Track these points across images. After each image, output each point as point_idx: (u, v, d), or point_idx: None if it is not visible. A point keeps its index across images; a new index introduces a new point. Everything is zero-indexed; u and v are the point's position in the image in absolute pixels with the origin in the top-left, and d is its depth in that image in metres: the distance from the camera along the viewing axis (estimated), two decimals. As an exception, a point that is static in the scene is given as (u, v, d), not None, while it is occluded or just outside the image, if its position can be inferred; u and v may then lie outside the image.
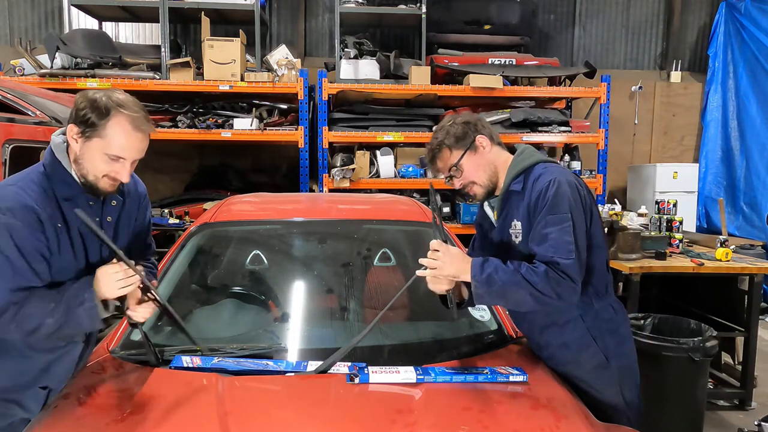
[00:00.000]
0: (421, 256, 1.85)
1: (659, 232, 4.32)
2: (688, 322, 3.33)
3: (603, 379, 1.95)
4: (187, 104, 6.10)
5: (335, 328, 2.32)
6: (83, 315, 1.68)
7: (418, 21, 6.33)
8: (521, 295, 1.76)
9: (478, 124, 2.03)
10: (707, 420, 3.45)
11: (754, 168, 7.02)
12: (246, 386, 1.79)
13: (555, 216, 1.82)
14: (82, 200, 1.78)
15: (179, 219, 5.69)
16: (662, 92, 7.93)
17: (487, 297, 1.81)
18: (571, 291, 1.77)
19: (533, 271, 1.76)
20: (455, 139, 1.98)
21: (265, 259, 2.69)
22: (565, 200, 1.84)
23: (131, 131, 1.70)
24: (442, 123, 2.08)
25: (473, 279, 1.79)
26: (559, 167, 1.99)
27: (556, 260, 1.77)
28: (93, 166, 1.71)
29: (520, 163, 1.99)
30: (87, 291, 1.68)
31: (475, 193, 2.06)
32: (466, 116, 2.06)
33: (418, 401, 1.72)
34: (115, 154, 1.70)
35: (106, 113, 1.67)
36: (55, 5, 7.16)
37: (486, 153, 2.00)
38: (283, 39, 7.32)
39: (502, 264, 1.80)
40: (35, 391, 1.86)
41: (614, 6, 7.90)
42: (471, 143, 1.98)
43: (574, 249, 1.78)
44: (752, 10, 7.19)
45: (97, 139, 1.69)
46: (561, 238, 1.79)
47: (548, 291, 1.74)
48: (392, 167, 6.11)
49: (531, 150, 2.06)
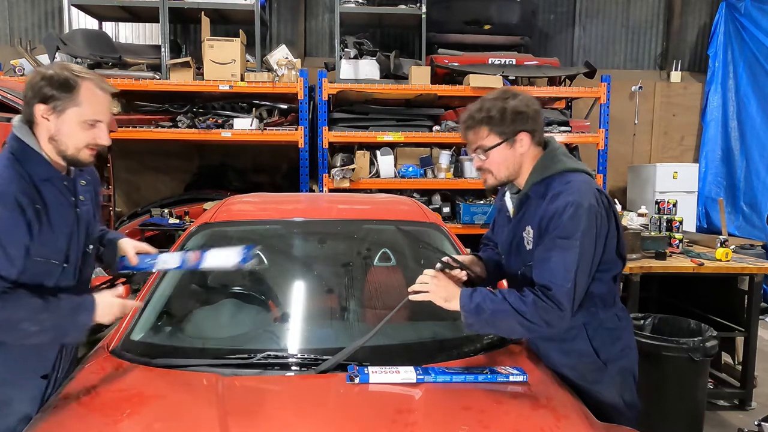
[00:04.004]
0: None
1: (659, 232, 4.32)
2: (688, 322, 3.32)
3: (603, 381, 1.95)
4: (187, 104, 6.11)
5: (335, 328, 2.31)
6: (72, 331, 1.76)
7: (418, 21, 6.33)
8: (510, 323, 1.76)
9: (530, 117, 1.88)
10: (707, 420, 3.45)
11: (754, 168, 7.02)
12: (246, 386, 1.79)
13: (563, 240, 1.76)
14: (58, 180, 1.81)
15: (179, 219, 5.70)
16: (662, 92, 7.93)
17: (477, 325, 1.81)
18: (559, 319, 1.74)
19: (522, 300, 1.74)
20: (499, 125, 1.86)
21: (265, 259, 2.69)
22: (578, 227, 1.76)
23: (101, 93, 1.77)
24: (500, 94, 1.90)
25: (462, 309, 1.79)
26: (583, 182, 1.87)
27: (549, 285, 1.74)
28: (73, 137, 1.75)
29: (545, 169, 1.90)
30: (84, 314, 1.75)
31: (486, 181, 1.97)
32: (525, 102, 1.88)
33: (418, 401, 1.72)
34: (93, 118, 1.75)
35: (73, 83, 1.71)
36: (55, 5, 7.17)
37: (520, 150, 1.90)
38: (283, 39, 7.32)
39: (491, 294, 1.79)
40: (37, 382, 1.85)
41: (614, 6, 7.90)
42: (512, 137, 1.87)
43: (572, 278, 1.73)
44: (752, 10, 7.19)
45: (73, 109, 1.72)
46: (562, 265, 1.74)
47: (537, 320, 1.73)
48: (392, 167, 6.11)
49: (559, 153, 1.94)
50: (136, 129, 5.83)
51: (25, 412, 1.82)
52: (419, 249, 2.75)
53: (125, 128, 5.69)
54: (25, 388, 1.83)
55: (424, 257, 2.78)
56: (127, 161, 6.90)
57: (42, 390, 1.87)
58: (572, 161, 1.95)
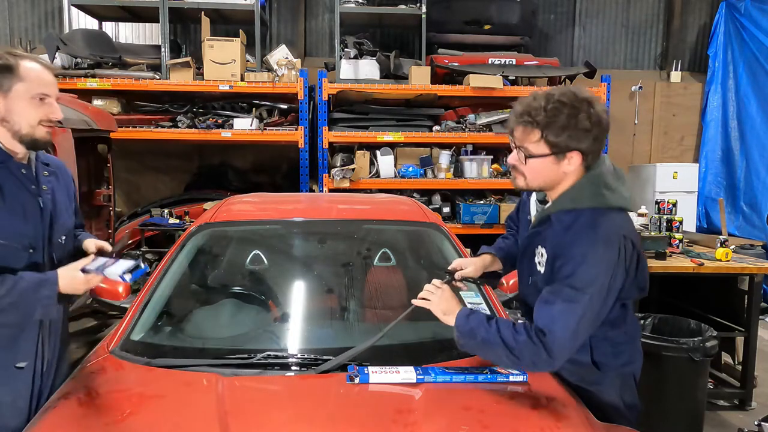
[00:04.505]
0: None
1: (659, 232, 4.32)
2: (688, 322, 3.33)
3: (603, 383, 1.94)
4: (187, 104, 6.11)
5: (335, 328, 2.31)
6: (37, 307, 1.76)
7: (418, 21, 6.33)
8: (498, 354, 1.72)
9: (594, 138, 1.67)
10: (707, 420, 3.45)
11: (754, 168, 7.02)
12: (246, 386, 1.79)
13: (572, 291, 1.64)
14: (15, 166, 1.84)
15: (179, 219, 5.70)
16: (662, 92, 7.93)
17: (467, 347, 1.80)
18: (546, 365, 1.69)
19: (514, 337, 1.68)
20: (557, 135, 1.65)
21: (265, 259, 2.69)
22: (592, 281, 1.64)
23: (42, 68, 1.82)
24: (573, 97, 1.66)
25: (456, 328, 1.79)
26: (613, 227, 1.69)
27: (546, 331, 1.65)
28: (25, 115, 1.78)
29: (579, 198, 1.72)
30: (46, 287, 1.75)
31: (516, 181, 1.81)
32: (597, 117, 1.66)
33: (418, 401, 1.72)
34: (41, 92, 1.79)
35: (13, 63, 1.76)
36: (55, 5, 7.16)
37: (566, 167, 1.71)
38: (283, 39, 7.32)
39: (485, 322, 1.74)
40: (13, 372, 1.85)
41: (614, 6, 7.90)
42: (563, 152, 1.68)
43: (571, 330, 1.64)
44: (752, 10, 7.19)
45: (19, 85, 1.76)
46: (564, 315, 1.64)
47: (524, 358, 1.68)
48: (392, 167, 6.11)
49: (602, 181, 1.73)
50: (136, 129, 5.84)
51: (13, 405, 1.83)
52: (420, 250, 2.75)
53: (125, 128, 5.69)
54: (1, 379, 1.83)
55: (425, 258, 2.78)
56: (127, 161, 6.90)
57: (28, 383, 1.87)
58: (612, 195, 1.74)
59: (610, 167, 1.81)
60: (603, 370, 1.90)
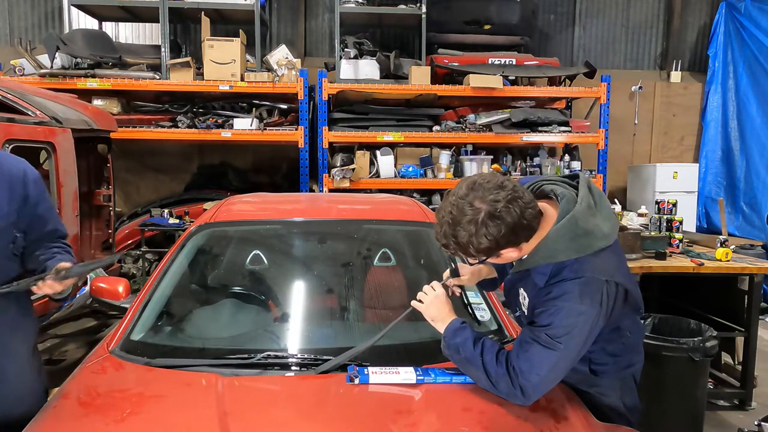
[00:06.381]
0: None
1: (659, 232, 4.31)
2: (688, 322, 3.32)
3: (602, 385, 1.94)
4: (187, 104, 6.11)
5: (335, 328, 2.31)
6: None
7: (418, 21, 6.34)
8: (478, 376, 1.74)
9: (511, 231, 1.59)
10: (707, 420, 3.45)
11: (754, 168, 7.02)
12: (246, 386, 1.79)
13: (548, 339, 1.63)
14: None
15: (179, 219, 5.70)
16: (662, 92, 7.94)
17: (450, 359, 1.81)
18: (518, 401, 1.69)
19: (495, 367, 1.69)
20: (475, 253, 1.64)
21: (265, 259, 2.69)
22: (569, 331, 1.63)
23: None
24: (458, 213, 1.62)
25: (444, 339, 1.80)
26: (594, 276, 1.63)
27: (520, 372, 1.65)
28: None
29: (551, 256, 1.66)
30: None
31: None
32: (492, 221, 1.57)
33: (418, 402, 1.72)
34: None
35: None
36: (55, 5, 7.17)
37: (510, 255, 1.68)
38: (283, 39, 7.32)
39: (471, 341, 1.74)
40: None
41: (614, 6, 7.90)
42: (495, 254, 1.66)
43: (544, 374, 1.64)
44: (752, 10, 7.19)
45: None
46: (538, 360, 1.64)
47: (501, 389, 1.69)
48: (392, 167, 6.11)
49: (568, 237, 1.63)
50: (136, 129, 5.84)
51: None
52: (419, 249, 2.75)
53: (125, 128, 5.70)
54: None
55: (425, 258, 2.78)
56: (127, 161, 6.90)
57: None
58: (588, 240, 1.65)
59: (584, 199, 1.69)
60: (602, 376, 1.90)
